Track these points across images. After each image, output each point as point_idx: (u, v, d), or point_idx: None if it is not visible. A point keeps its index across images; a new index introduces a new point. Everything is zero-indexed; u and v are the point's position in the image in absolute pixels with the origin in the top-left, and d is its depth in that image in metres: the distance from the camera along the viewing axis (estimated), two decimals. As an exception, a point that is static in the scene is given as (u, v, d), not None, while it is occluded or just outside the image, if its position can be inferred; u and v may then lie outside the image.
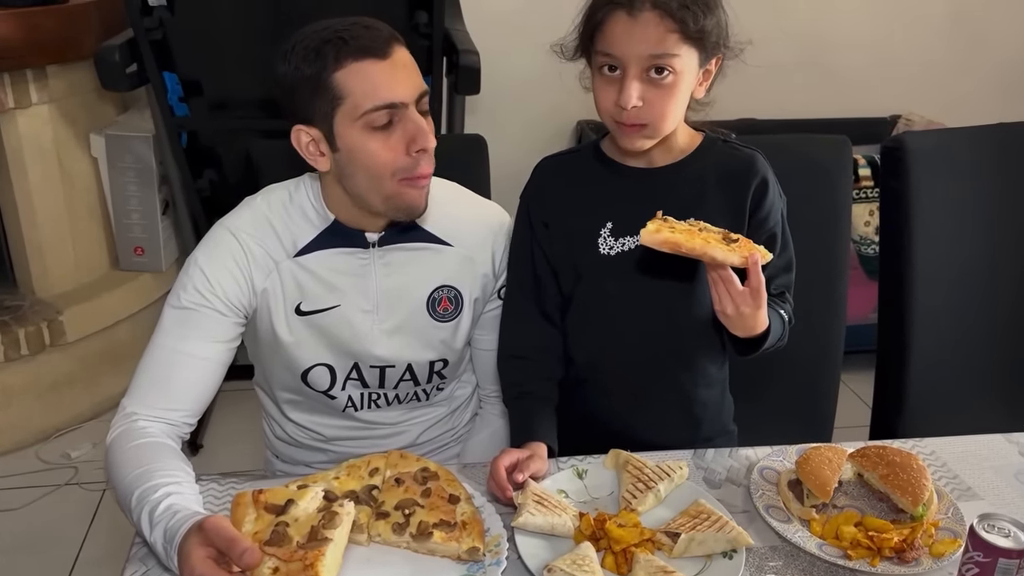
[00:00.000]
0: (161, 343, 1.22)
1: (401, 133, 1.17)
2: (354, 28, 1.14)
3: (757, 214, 1.25)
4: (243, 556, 0.93)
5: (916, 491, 1.11)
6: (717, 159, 1.26)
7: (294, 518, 1.01)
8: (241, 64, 2.35)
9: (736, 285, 1.09)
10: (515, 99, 2.94)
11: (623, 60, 1.13)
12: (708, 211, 1.22)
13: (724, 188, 1.25)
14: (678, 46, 1.12)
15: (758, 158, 1.27)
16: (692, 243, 1.05)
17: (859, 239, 2.84)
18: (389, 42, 1.15)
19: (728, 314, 1.11)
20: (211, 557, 0.94)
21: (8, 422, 2.54)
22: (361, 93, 1.14)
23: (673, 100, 1.15)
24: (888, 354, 1.69)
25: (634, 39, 1.11)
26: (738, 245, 1.07)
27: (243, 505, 1.03)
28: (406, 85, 1.15)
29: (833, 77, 3.25)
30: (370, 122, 1.15)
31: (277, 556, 0.95)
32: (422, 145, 1.17)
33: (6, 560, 2.15)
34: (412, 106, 1.16)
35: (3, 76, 2.35)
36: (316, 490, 1.06)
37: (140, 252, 2.82)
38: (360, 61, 1.13)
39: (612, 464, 1.20)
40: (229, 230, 1.25)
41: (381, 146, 1.17)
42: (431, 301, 1.32)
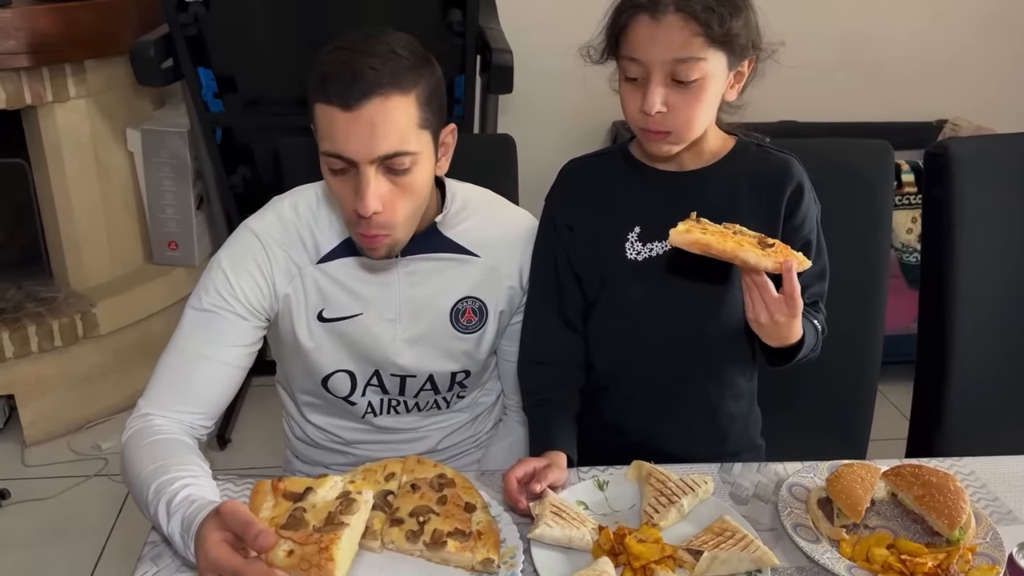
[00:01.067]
0: (180, 345, 1.21)
1: (353, 183, 1.12)
2: (346, 63, 1.07)
3: (792, 221, 1.21)
4: (257, 538, 0.90)
5: (953, 513, 1.06)
6: (750, 164, 1.22)
7: (311, 504, 0.98)
8: (276, 61, 2.35)
9: (771, 291, 1.05)
10: (550, 99, 2.91)
11: (647, 64, 1.10)
12: (740, 217, 1.18)
13: (757, 194, 1.21)
14: (703, 49, 1.08)
15: (793, 163, 1.22)
16: (724, 245, 1.01)
17: (901, 247, 2.76)
18: (366, 93, 1.06)
19: (762, 322, 1.08)
20: (227, 541, 0.92)
21: (41, 413, 2.58)
22: (323, 133, 1.11)
23: (699, 105, 1.12)
24: (927, 369, 1.63)
25: (657, 43, 1.08)
26: (774, 250, 1.04)
27: (262, 493, 1.01)
28: (363, 144, 1.08)
29: (877, 79, 3.18)
30: (327, 162, 1.13)
31: (292, 539, 0.93)
32: (356, 208, 1.11)
33: (35, 549, 2.17)
34: (366, 166, 1.09)
35: (42, 70, 2.37)
36: (335, 479, 1.03)
37: (174, 247, 2.84)
38: (325, 105, 1.08)
39: (634, 476, 1.17)
40: (254, 232, 1.24)
41: (336, 187, 1.14)
42: (455, 312, 1.30)
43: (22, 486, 2.38)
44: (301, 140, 1.53)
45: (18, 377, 2.52)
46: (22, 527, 2.25)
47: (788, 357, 1.15)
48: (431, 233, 1.26)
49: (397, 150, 1.10)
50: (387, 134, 1.08)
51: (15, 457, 2.53)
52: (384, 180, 1.11)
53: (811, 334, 1.17)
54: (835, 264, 1.55)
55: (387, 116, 1.08)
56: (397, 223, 1.15)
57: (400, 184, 1.12)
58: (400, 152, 1.10)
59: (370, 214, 1.11)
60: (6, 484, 2.36)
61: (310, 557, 0.91)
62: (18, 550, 2.17)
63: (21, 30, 2.26)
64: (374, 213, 1.11)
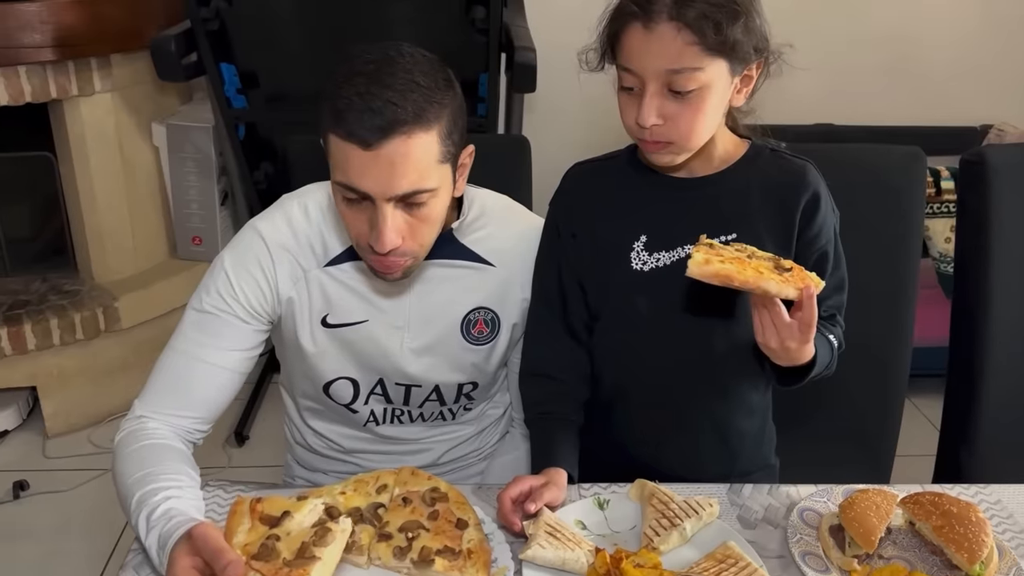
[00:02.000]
0: (179, 347, 1.18)
1: (368, 215, 1.07)
2: (364, 98, 1.00)
3: (808, 231, 1.15)
4: (226, 569, 0.88)
5: (974, 547, 1.00)
6: (764, 170, 1.16)
7: (287, 531, 0.96)
8: (298, 57, 2.34)
9: (784, 318, 1.00)
10: (577, 99, 2.85)
11: (641, 75, 1.04)
12: (753, 226, 1.13)
13: (771, 202, 1.15)
14: (700, 59, 1.02)
15: (809, 169, 1.16)
16: (745, 275, 0.96)
17: (939, 256, 2.67)
18: (387, 132, 1.00)
19: (772, 347, 1.03)
20: (196, 567, 0.91)
21: (63, 405, 2.59)
22: (337, 165, 1.06)
23: (699, 116, 1.06)
24: (958, 388, 1.56)
25: (651, 53, 1.02)
26: (791, 275, 0.98)
27: (239, 514, 0.99)
28: (381, 183, 1.03)
29: (920, 82, 3.08)
30: (341, 191, 1.08)
31: (261, 573, 0.90)
32: (372, 242, 1.07)
33: (53, 540, 2.18)
34: (384, 203, 1.05)
35: (68, 64, 2.38)
36: (315, 503, 1.01)
37: (198, 242, 2.85)
38: (342, 140, 1.02)
39: (637, 495, 1.12)
40: (259, 234, 1.20)
41: (348, 214, 1.10)
42: (466, 323, 1.25)
43: (42, 477, 2.40)
44: (309, 138, 1.51)
45: (41, 369, 2.54)
46: (41, 518, 2.26)
47: (799, 377, 1.09)
48: (447, 240, 1.21)
49: (416, 188, 1.05)
50: (407, 173, 1.03)
51: (36, 448, 2.55)
52: (400, 214, 1.07)
53: (825, 352, 1.11)
54: (863, 273, 1.49)
55: (408, 155, 1.02)
56: (416, 250, 1.11)
57: (418, 216, 1.08)
58: (419, 190, 1.05)
59: (387, 250, 1.07)
60: (27, 475, 2.38)
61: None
62: (36, 541, 2.18)
63: (47, 24, 2.27)
64: (392, 249, 1.07)
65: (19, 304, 2.56)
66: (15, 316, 2.49)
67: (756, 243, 1.12)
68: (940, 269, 2.66)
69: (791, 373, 1.09)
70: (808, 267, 1.14)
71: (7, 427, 2.60)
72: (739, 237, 1.13)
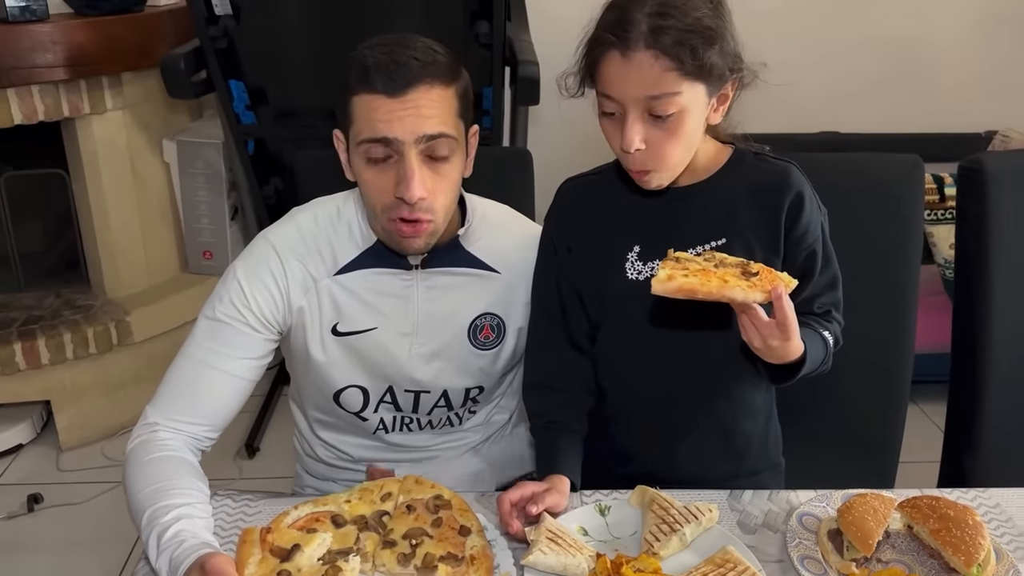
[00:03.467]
0: (191, 354, 1.21)
1: (394, 172, 1.13)
2: (389, 55, 1.10)
3: (794, 231, 1.16)
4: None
5: (970, 550, 1.00)
6: (748, 174, 1.18)
7: (297, 568, 0.98)
8: (306, 73, 2.37)
9: (761, 317, 1.02)
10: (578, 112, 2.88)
11: (622, 101, 1.06)
12: (740, 230, 1.16)
13: (757, 205, 1.17)
14: (678, 83, 1.04)
15: (792, 171, 1.18)
16: (708, 287, 0.98)
17: (944, 262, 2.67)
18: (412, 81, 1.10)
19: (756, 347, 1.04)
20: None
21: (76, 418, 2.62)
22: (363, 122, 1.12)
23: (678, 141, 1.08)
24: (960, 396, 1.56)
25: (630, 81, 1.04)
26: (758, 278, 1.00)
27: (249, 543, 1.01)
28: (408, 124, 1.10)
29: (924, 89, 3.09)
30: (366, 152, 1.13)
31: None
32: (402, 193, 1.12)
33: (67, 553, 2.21)
34: (411, 146, 1.11)
35: (79, 82, 2.42)
36: (323, 536, 1.02)
37: (209, 256, 2.88)
38: (369, 94, 1.11)
39: (637, 502, 1.13)
40: (270, 243, 1.24)
41: (373, 178, 1.14)
42: (473, 328, 1.28)
43: (56, 490, 2.42)
44: (317, 153, 1.54)
45: (54, 383, 2.57)
46: (55, 531, 2.29)
47: (791, 374, 1.11)
48: (453, 247, 1.25)
49: (441, 131, 1.12)
50: (432, 116, 1.11)
51: (50, 462, 2.58)
52: (426, 169, 1.13)
53: (817, 349, 1.13)
54: (864, 281, 1.50)
55: (432, 101, 1.11)
56: (438, 210, 1.16)
57: (440, 173, 1.14)
58: (444, 134, 1.12)
59: (416, 199, 1.11)
60: (41, 488, 2.41)
61: None
62: (50, 553, 2.21)
63: (59, 43, 2.31)
64: (420, 198, 1.12)
65: (33, 319, 2.60)
66: (29, 331, 2.53)
67: (745, 246, 1.16)
68: (945, 275, 2.67)
69: (783, 371, 1.11)
70: (797, 266, 1.17)
71: (22, 441, 2.63)
72: (728, 242, 1.16)
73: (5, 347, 2.46)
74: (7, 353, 2.46)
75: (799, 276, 1.16)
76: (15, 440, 2.61)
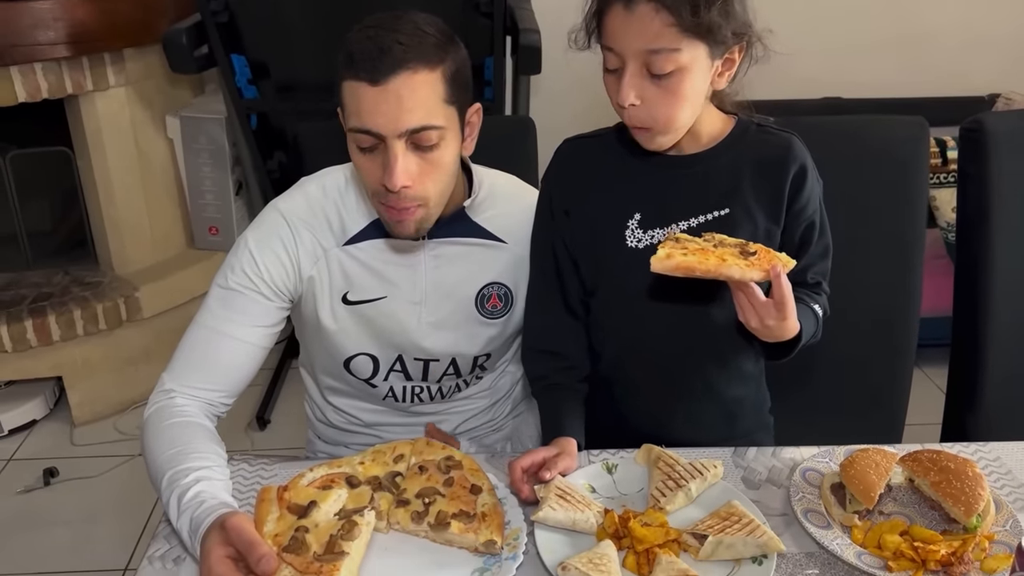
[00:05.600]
0: (205, 322, 1.23)
1: (381, 159, 1.13)
2: (373, 40, 1.09)
3: (796, 203, 1.18)
4: (260, 562, 0.92)
5: (970, 500, 1.03)
6: (751, 145, 1.19)
7: (314, 523, 1.00)
8: (307, 46, 2.37)
9: (759, 297, 1.03)
10: (580, 80, 2.88)
11: (621, 54, 1.07)
12: (743, 200, 1.17)
13: (760, 176, 1.17)
14: (677, 40, 1.04)
15: (795, 142, 1.19)
16: (706, 265, 0.98)
17: (947, 226, 2.68)
18: (394, 67, 1.08)
19: (753, 326, 1.06)
20: (230, 557, 0.94)
21: (88, 394, 2.66)
22: (350, 111, 1.12)
23: (677, 100, 1.08)
24: (962, 357, 1.58)
25: (631, 33, 1.05)
26: (756, 258, 1.01)
27: (267, 502, 1.03)
28: (390, 118, 1.09)
29: (926, 52, 3.08)
30: (355, 139, 1.14)
31: (293, 566, 0.94)
32: (384, 181, 1.12)
33: (82, 525, 2.26)
34: (395, 140, 1.10)
35: (82, 60, 2.43)
36: (339, 492, 1.05)
37: (215, 232, 2.90)
38: (354, 81, 1.10)
39: (644, 460, 1.16)
40: (280, 212, 1.25)
41: (363, 164, 1.15)
42: (480, 298, 1.30)
43: (70, 465, 2.47)
44: (321, 124, 1.55)
45: (66, 359, 2.60)
46: (70, 504, 2.33)
47: (787, 351, 1.12)
48: (459, 217, 1.26)
49: (424, 124, 1.11)
50: (414, 108, 1.09)
51: (64, 437, 2.62)
52: (412, 156, 1.12)
53: (809, 323, 1.14)
54: (870, 244, 1.51)
55: (414, 90, 1.09)
56: (428, 196, 1.16)
57: (428, 160, 1.13)
58: (427, 126, 1.11)
59: (398, 188, 1.12)
60: (56, 463, 2.45)
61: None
62: (67, 526, 2.25)
63: (60, 20, 2.32)
64: (403, 187, 1.12)
65: (43, 296, 2.63)
66: (40, 308, 2.55)
67: (748, 217, 1.17)
68: (948, 239, 2.68)
69: (778, 347, 1.12)
70: (797, 237, 1.19)
71: (35, 416, 2.67)
72: (731, 213, 1.16)
73: (16, 324, 2.49)
74: (19, 330, 2.49)
75: (797, 246, 1.19)
76: (29, 416, 2.65)
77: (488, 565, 1.00)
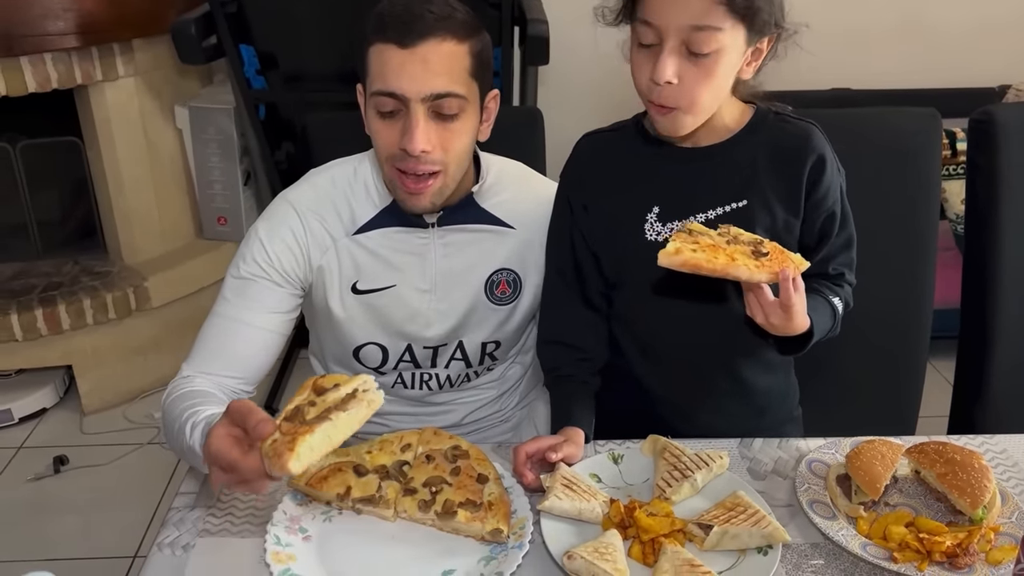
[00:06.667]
0: (221, 312, 1.25)
1: (401, 124, 1.15)
2: (406, 6, 1.13)
3: (814, 194, 1.16)
4: (257, 426, 0.92)
5: (976, 492, 1.03)
6: (769, 135, 1.17)
7: (324, 399, 0.96)
8: (315, 37, 2.37)
9: (766, 297, 1.03)
10: (588, 70, 2.87)
11: (662, 30, 1.05)
12: (761, 191, 1.16)
13: (778, 167, 1.16)
14: (723, 19, 1.03)
15: (814, 132, 1.17)
16: (714, 264, 0.97)
17: (955, 218, 2.67)
18: (424, 33, 1.11)
19: (760, 322, 1.06)
20: (231, 435, 0.94)
21: (98, 383, 2.68)
22: (375, 74, 1.15)
23: (711, 81, 1.07)
24: (970, 349, 1.58)
25: (677, 7, 1.04)
26: (768, 259, 1.00)
27: (304, 388, 1.00)
28: (416, 81, 1.12)
29: (935, 43, 3.06)
30: (376, 104, 1.15)
31: (281, 431, 0.92)
32: (405, 144, 1.14)
33: (92, 512, 2.27)
34: (417, 103, 1.13)
35: (91, 50, 2.43)
36: (366, 378, 1.00)
37: (223, 222, 2.90)
38: (382, 44, 1.13)
39: (649, 450, 1.16)
40: (290, 203, 1.27)
41: (381, 129, 1.17)
42: (489, 284, 1.31)
43: (80, 453, 2.49)
44: (328, 116, 1.55)
45: (75, 348, 2.62)
46: (80, 491, 2.35)
47: (799, 346, 1.12)
48: (467, 204, 1.28)
49: (448, 90, 1.13)
50: (440, 72, 1.12)
51: (74, 425, 2.64)
52: (432, 124, 1.14)
53: (825, 319, 1.13)
54: (882, 236, 1.50)
55: (441, 57, 1.12)
56: (447, 162, 1.17)
57: (448, 129, 1.15)
58: (451, 92, 1.13)
59: (418, 151, 1.13)
60: (65, 451, 2.47)
61: (279, 446, 0.89)
62: (77, 513, 2.27)
63: (70, 11, 2.32)
64: (422, 151, 1.13)
65: (52, 286, 2.64)
66: (49, 298, 2.57)
67: (766, 208, 1.16)
68: (957, 231, 2.67)
69: (790, 342, 1.11)
70: (816, 228, 1.18)
71: (46, 405, 2.69)
72: (749, 204, 1.16)
73: (27, 313, 2.50)
74: (29, 319, 2.51)
75: (817, 238, 1.18)
76: (39, 404, 2.67)
77: (494, 554, 1.01)
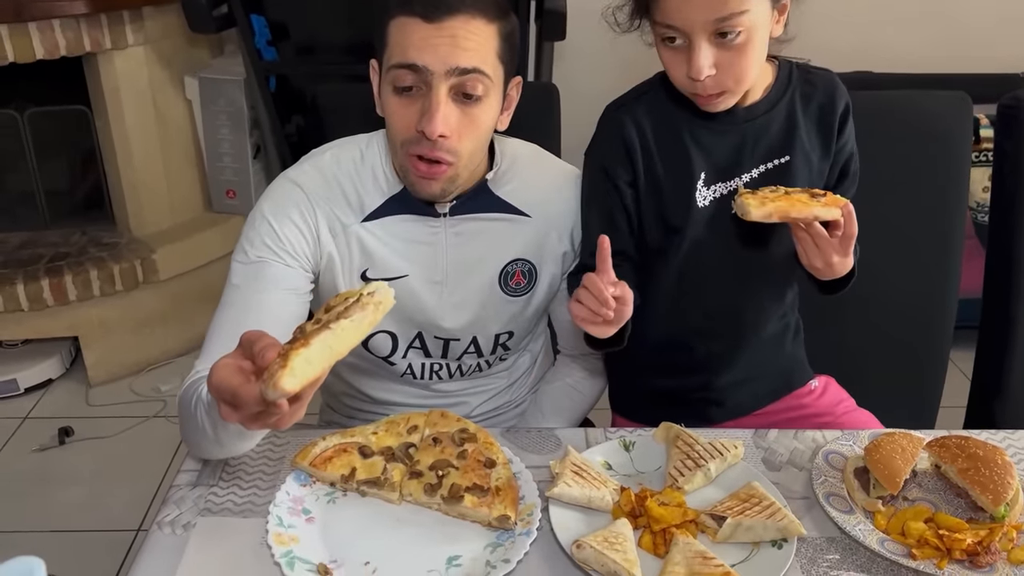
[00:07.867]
0: (232, 300, 1.17)
1: (419, 104, 1.09)
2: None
3: (842, 136, 1.22)
4: (262, 351, 0.86)
5: (999, 489, 1.00)
6: (799, 87, 1.21)
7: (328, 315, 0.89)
8: (327, 8, 2.34)
9: (827, 237, 1.07)
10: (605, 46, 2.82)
11: (686, 29, 1.04)
12: (801, 145, 1.19)
13: (813, 118, 1.20)
14: (745, 1, 1.02)
15: (837, 80, 1.22)
16: (798, 209, 1.04)
17: (976, 206, 2.62)
18: (453, 9, 1.06)
19: (818, 267, 1.10)
20: (235, 365, 0.88)
21: (104, 355, 2.67)
22: (396, 46, 1.09)
23: (749, 58, 1.08)
24: (991, 341, 1.54)
25: (694, 6, 1.02)
26: (826, 199, 1.06)
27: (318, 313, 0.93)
28: (441, 54, 1.06)
29: (959, 27, 3.00)
30: (394, 79, 1.10)
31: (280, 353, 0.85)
32: (423, 126, 1.08)
33: (97, 484, 2.27)
34: (441, 78, 1.07)
35: (100, 17, 2.40)
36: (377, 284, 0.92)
37: (232, 195, 2.88)
38: (406, 17, 1.08)
39: (662, 438, 1.13)
40: (294, 182, 1.20)
41: (398, 108, 1.11)
42: (504, 275, 1.26)
43: (86, 424, 2.48)
44: (340, 87, 1.52)
45: (82, 319, 2.61)
46: (85, 463, 2.35)
47: (841, 286, 1.17)
48: (481, 191, 1.22)
49: (475, 66, 1.08)
50: (468, 48, 1.07)
51: (80, 396, 2.63)
52: (453, 107, 1.09)
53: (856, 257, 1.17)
54: (908, 222, 1.49)
55: (470, 33, 1.07)
56: (461, 153, 1.12)
57: (468, 115, 1.10)
58: (478, 69, 1.08)
59: (437, 135, 1.08)
60: (71, 422, 2.47)
61: (274, 366, 0.82)
62: (81, 484, 2.27)
63: (78, -23, 2.29)
64: (440, 136, 1.08)
65: (60, 256, 2.63)
66: (56, 268, 2.55)
67: (806, 161, 1.20)
68: (977, 219, 2.62)
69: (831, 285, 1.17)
70: (839, 167, 1.24)
71: (51, 376, 2.68)
72: (791, 159, 1.18)
73: (33, 283, 2.49)
74: (35, 289, 2.49)
75: (839, 176, 1.25)
76: (45, 375, 2.66)
77: (501, 540, 0.98)
